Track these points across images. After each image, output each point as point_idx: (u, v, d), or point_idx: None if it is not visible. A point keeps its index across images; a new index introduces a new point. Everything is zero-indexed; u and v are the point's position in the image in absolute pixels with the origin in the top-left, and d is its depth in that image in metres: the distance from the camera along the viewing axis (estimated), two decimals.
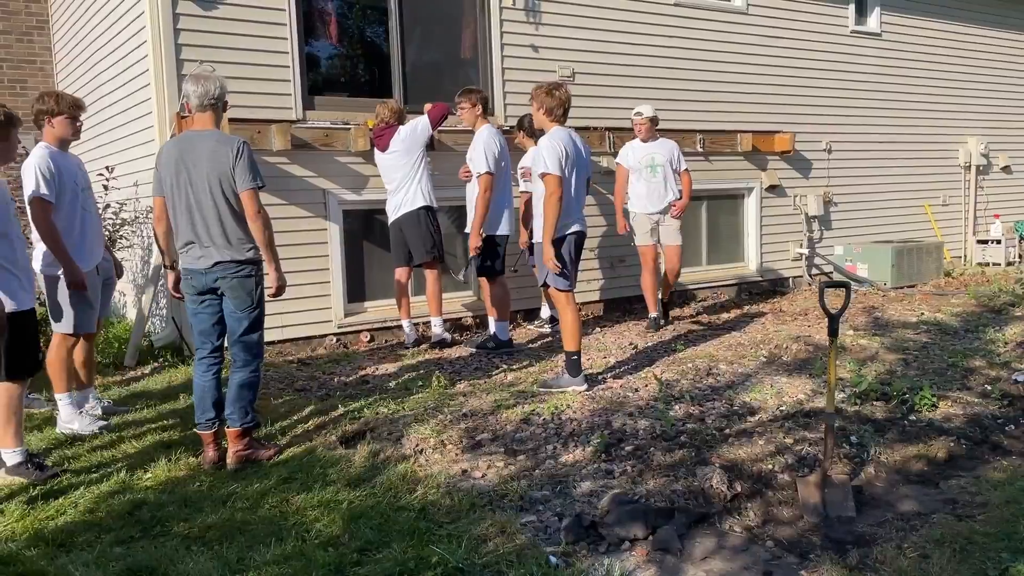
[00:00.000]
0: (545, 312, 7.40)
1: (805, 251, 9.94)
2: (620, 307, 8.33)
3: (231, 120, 6.15)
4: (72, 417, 4.83)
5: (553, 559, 3.15)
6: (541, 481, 3.84)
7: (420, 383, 5.45)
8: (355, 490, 3.82)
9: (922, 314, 7.57)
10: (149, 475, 4.13)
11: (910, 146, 10.87)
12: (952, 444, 4.21)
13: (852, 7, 10.13)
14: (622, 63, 8.26)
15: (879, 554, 3.12)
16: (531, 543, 3.27)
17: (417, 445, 4.28)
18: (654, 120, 7.26)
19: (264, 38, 6.43)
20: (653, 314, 7.31)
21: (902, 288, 9.39)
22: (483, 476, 3.94)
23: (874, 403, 4.83)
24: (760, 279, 9.63)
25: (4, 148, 4.20)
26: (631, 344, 6.61)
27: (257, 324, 4.29)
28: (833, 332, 3.67)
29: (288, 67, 6.53)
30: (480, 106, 6.40)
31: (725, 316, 7.98)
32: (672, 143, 7.43)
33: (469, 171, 6.54)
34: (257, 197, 4.15)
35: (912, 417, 4.59)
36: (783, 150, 9.51)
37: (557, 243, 5.17)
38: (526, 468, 3.99)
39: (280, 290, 4.33)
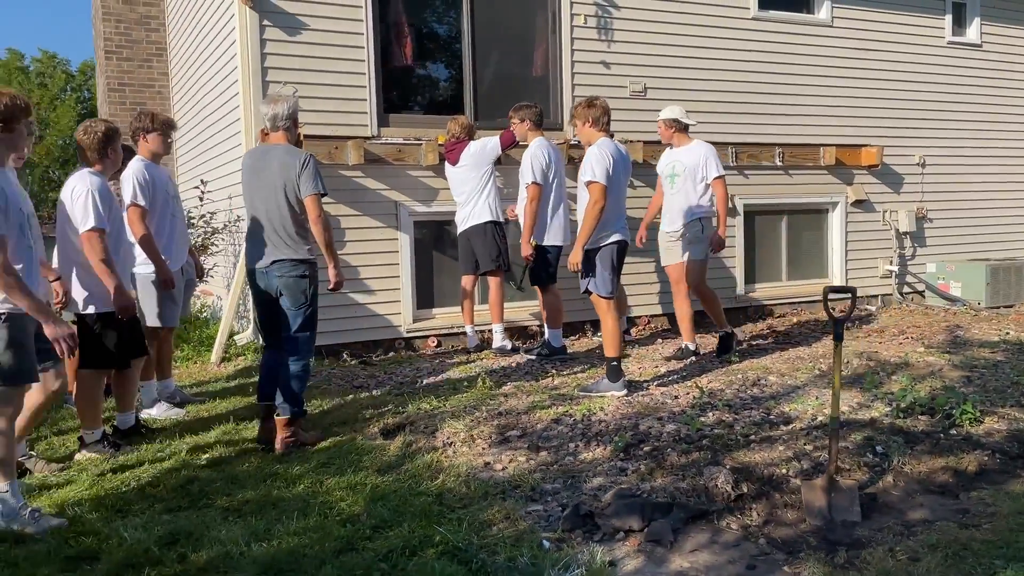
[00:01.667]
0: None
1: (895, 268, 9.65)
2: None
3: (311, 136, 6.64)
4: (151, 403, 5.35)
5: (546, 543, 3.32)
6: (555, 475, 4.01)
7: (467, 384, 5.71)
8: (383, 476, 4.10)
9: (1007, 334, 7.27)
10: (206, 455, 4.54)
11: (1014, 160, 10.40)
12: (986, 458, 4.11)
13: (949, 18, 9.83)
14: (697, 77, 8.32)
15: (867, 555, 3.14)
16: (530, 529, 3.45)
17: (448, 438, 4.53)
18: (670, 123, 6.45)
19: (343, 60, 6.88)
20: (685, 343, 6.56)
21: (997, 308, 8.99)
22: (503, 469, 4.14)
23: (919, 417, 4.74)
24: (845, 296, 9.38)
25: (114, 158, 4.75)
26: None
27: (309, 322, 4.67)
28: (838, 337, 3.68)
29: (364, 87, 6.96)
30: (529, 121, 6.60)
31: (796, 331, 7.88)
32: (704, 148, 6.41)
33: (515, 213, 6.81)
34: (319, 202, 4.58)
35: (952, 431, 4.49)
36: (870, 164, 9.30)
37: (594, 251, 5.34)
38: (545, 463, 4.17)
39: (338, 286, 4.75)
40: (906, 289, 9.82)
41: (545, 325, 6.78)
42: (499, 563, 3.17)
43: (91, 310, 4.52)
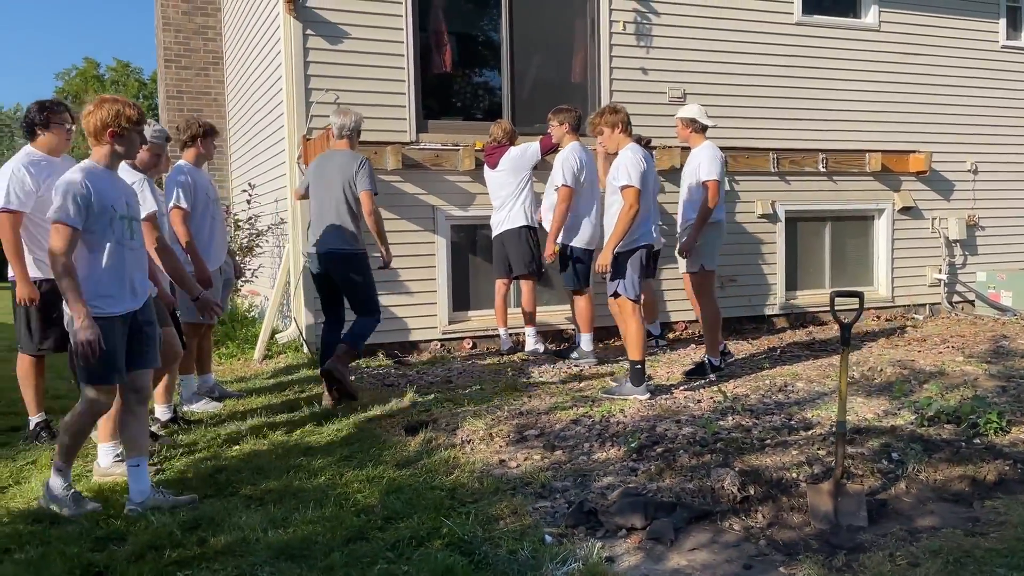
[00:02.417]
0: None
1: (944, 277, 9.45)
2: (729, 327, 8.26)
3: None
4: (191, 397, 5.59)
5: (548, 538, 3.40)
6: (566, 473, 4.09)
7: (494, 385, 5.81)
8: (400, 470, 4.23)
9: None
10: (236, 448, 4.74)
11: None
12: (1007, 468, 4.04)
13: (1003, 21, 9.60)
14: (738, 83, 8.31)
15: (866, 559, 3.14)
16: (536, 525, 3.53)
17: (468, 436, 4.64)
18: (687, 122, 6.16)
19: (383, 68, 7.07)
20: (708, 357, 6.20)
21: None
22: (517, 466, 4.23)
23: (944, 426, 4.68)
24: (891, 304, 9.26)
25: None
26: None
27: (369, 297, 5.59)
28: (845, 341, 3.68)
29: (404, 94, 7.14)
30: (567, 124, 6.63)
31: (835, 339, 7.78)
32: (706, 150, 6.07)
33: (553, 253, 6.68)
34: (372, 198, 5.49)
35: (976, 440, 4.42)
36: (918, 170, 9.14)
37: (625, 254, 5.38)
38: (558, 462, 4.25)
39: (388, 264, 5.73)
40: (955, 298, 9.61)
41: (577, 329, 6.85)
42: (500, 555, 3.25)
43: None
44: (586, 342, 6.69)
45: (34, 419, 4.99)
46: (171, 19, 10.44)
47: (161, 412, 5.14)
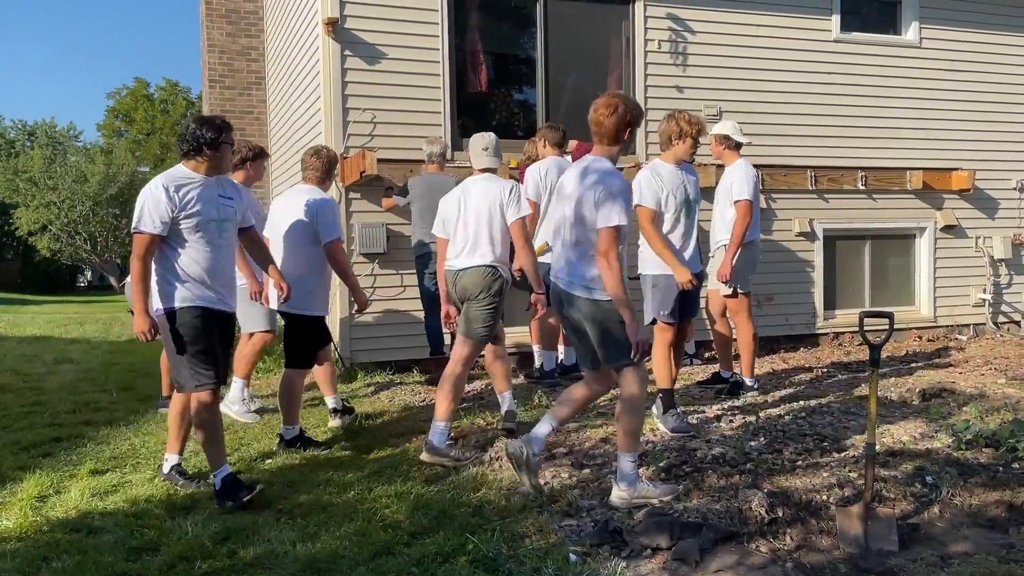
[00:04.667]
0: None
1: (989, 297, 9.27)
2: (766, 346, 8.21)
3: (388, 160, 6.92)
4: (236, 399, 5.70)
5: (573, 557, 3.40)
6: (593, 492, 4.08)
7: (526, 402, 5.82)
8: (428, 486, 4.26)
9: None
10: (269, 461, 4.82)
11: None
12: None
13: None
14: (774, 100, 8.28)
15: None
16: (561, 543, 3.53)
17: (496, 453, 4.66)
18: (721, 139, 6.09)
19: (419, 87, 7.17)
20: (744, 377, 6.16)
21: None
22: (545, 484, 4.23)
23: (982, 449, 4.59)
24: (934, 325, 9.10)
25: (329, 182, 5.41)
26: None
27: None
28: (874, 362, 3.63)
29: (440, 113, 7.23)
30: (543, 140, 6.52)
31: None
32: (739, 168, 5.99)
33: None
34: None
35: (1015, 465, 4.33)
36: (961, 188, 9.00)
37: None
38: (586, 480, 4.25)
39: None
40: (1001, 319, 9.40)
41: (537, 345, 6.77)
42: (524, 573, 3.26)
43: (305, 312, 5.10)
44: (548, 360, 6.61)
45: (172, 458, 4.53)
46: (216, 40, 10.70)
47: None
